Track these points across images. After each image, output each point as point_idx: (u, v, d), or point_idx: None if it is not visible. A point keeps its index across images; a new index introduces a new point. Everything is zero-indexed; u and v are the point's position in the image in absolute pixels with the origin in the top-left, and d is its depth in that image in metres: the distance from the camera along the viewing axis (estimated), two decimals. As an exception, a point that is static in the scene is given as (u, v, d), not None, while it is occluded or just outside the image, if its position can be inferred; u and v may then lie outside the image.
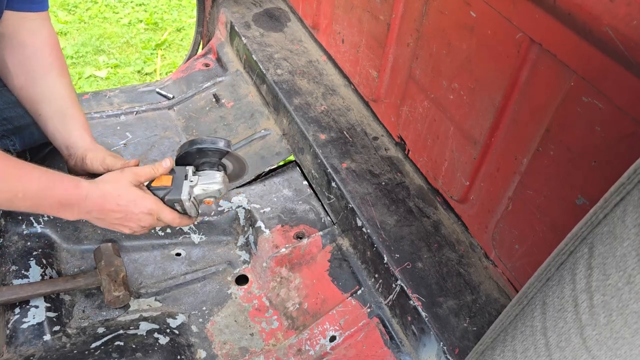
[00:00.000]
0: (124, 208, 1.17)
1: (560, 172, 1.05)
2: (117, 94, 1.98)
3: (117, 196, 1.17)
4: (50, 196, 1.10)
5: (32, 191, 1.07)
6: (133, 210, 1.18)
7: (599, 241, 0.57)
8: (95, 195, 1.15)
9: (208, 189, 1.27)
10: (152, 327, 1.31)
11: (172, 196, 1.23)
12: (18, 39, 1.32)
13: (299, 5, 2.07)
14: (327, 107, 1.74)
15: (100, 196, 1.15)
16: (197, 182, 1.26)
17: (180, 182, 1.24)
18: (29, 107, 1.34)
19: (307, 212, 1.60)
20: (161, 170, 1.25)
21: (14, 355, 1.18)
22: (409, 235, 1.38)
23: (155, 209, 1.21)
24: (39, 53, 1.33)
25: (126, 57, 3.35)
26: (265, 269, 1.47)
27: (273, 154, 1.74)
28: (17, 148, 1.57)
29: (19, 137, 1.55)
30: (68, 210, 1.13)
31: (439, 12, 1.30)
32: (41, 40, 1.34)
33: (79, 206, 1.14)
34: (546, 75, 1.04)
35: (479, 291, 1.27)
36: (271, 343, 1.36)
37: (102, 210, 1.16)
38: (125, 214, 1.18)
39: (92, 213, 1.16)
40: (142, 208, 1.19)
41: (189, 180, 1.25)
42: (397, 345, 1.29)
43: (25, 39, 1.32)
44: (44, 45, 1.34)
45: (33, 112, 1.34)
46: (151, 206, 1.20)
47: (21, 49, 1.32)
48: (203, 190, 1.27)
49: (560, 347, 0.63)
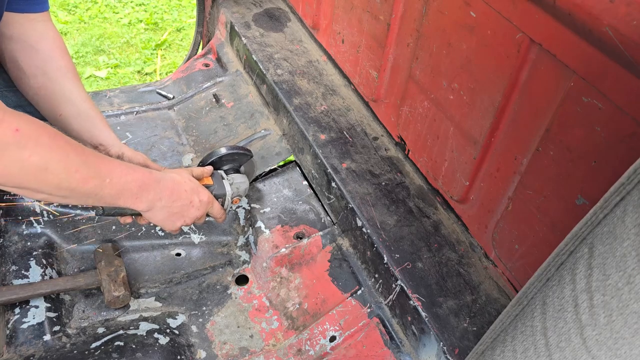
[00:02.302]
0: (189, 195, 1.23)
1: (560, 172, 1.05)
2: (117, 94, 1.98)
3: (183, 182, 1.22)
4: (133, 180, 1.10)
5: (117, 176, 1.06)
6: (196, 198, 1.24)
7: (599, 241, 0.57)
8: (166, 179, 1.18)
9: (240, 188, 1.46)
10: (152, 327, 1.31)
11: (218, 192, 1.38)
12: (28, 42, 1.32)
13: (299, 6, 2.07)
14: (327, 107, 1.74)
15: (171, 180, 1.19)
16: (233, 182, 1.44)
17: (220, 182, 1.40)
18: (48, 107, 1.34)
19: (307, 212, 1.60)
20: (207, 171, 1.39)
21: (14, 355, 1.18)
22: (409, 236, 1.38)
23: (211, 200, 1.30)
24: (53, 56, 1.34)
25: (126, 57, 3.35)
26: (265, 269, 1.47)
27: (273, 154, 1.74)
28: None
29: None
30: (145, 194, 1.12)
31: (439, 12, 1.30)
32: (51, 43, 1.35)
33: (154, 190, 1.14)
34: (546, 76, 1.04)
35: (479, 291, 1.27)
36: (271, 343, 1.36)
37: (172, 195, 1.19)
38: (189, 201, 1.23)
39: (162, 199, 1.17)
40: (202, 196, 1.26)
41: (227, 180, 1.43)
42: (397, 345, 1.29)
43: (35, 42, 1.33)
44: (55, 48, 1.35)
45: (51, 112, 1.34)
46: (209, 196, 1.29)
47: (34, 52, 1.32)
48: (237, 189, 1.46)
49: (560, 347, 0.63)
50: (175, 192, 1.20)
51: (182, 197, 1.21)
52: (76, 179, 0.98)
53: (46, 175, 0.94)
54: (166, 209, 1.19)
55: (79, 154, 0.99)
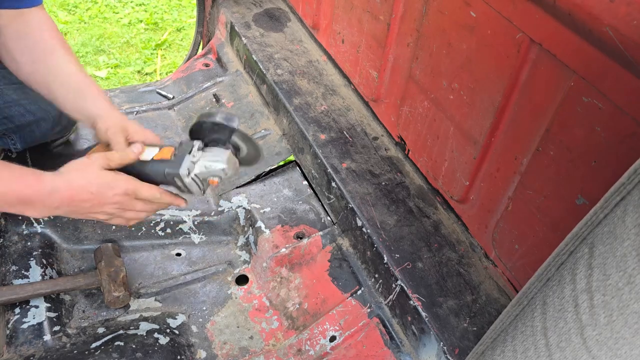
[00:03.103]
0: (97, 195, 1.08)
1: (560, 172, 1.05)
2: (118, 94, 1.98)
3: (87, 184, 1.08)
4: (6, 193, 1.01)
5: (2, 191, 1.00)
6: (108, 194, 1.09)
7: (599, 241, 0.57)
8: (62, 188, 1.06)
9: (211, 167, 1.16)
10: (152, 327, 1.31)
11: (171, 170, 1.14)
12: (19, 31, 1.31)
13: (299, 6, 2.07)
14: (327, 107, 1.74)
15: (68, 188, 1.07)
16: (199, 158, 1.16)
17: (182, 157, 1.14)
18: (44, 92, 1.30)
19: (307, 212, 1.60)
20: (131, 156, 1.15)
21: (14, 356, 1.18)
22: (409, 235, 1.38)
23: (132, 188, 1.11)
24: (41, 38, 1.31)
25: (126, 57, 3.35)
26: (266, 269, 1.47)
27: (273, 154, 1.74)
28: (17, 147, 1.58)
29: (20, 136, 1.55)
30: (29, 207, 1.04)
31: (439, 12, 1.30)
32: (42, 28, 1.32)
33: (42, 203, 1.04)
34: (546, 76, 1.04)
35: (479, 291, 1.27)
36: (271, 343, 1.36)
37: (72, 203, 1.07)
38: (99, 200, 1.09)
39: (60, 208, 1.07)
40: (116, 190, 1.09)
41: (191, 155, 1.16)
42: (397, 345, 1.29)
43: (27, 30, 1.31)
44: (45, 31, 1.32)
45: (49, 97, 1.30)
46: (126, 186, 1.10)
47: (23, 39, 1.30)
48: (205, 168, 1.16)
49: (561, 347, 0.63)
50: (78, 198, 1.07)
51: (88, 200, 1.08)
52: None
53: None
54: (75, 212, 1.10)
55: None
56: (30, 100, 1.50)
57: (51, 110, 1.55)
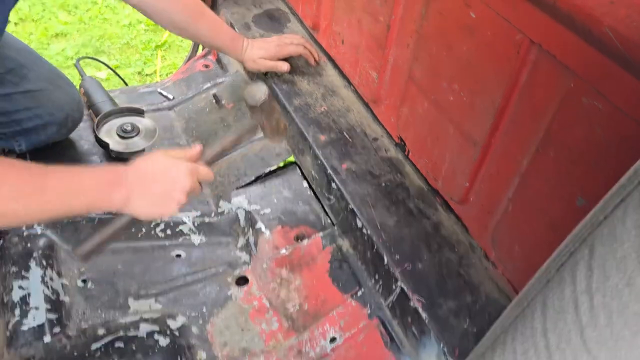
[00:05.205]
0: (166, 174, 1.13)
1: (560, 173, 1.05)
2: (118, 95, 1.98)
3: (153, 164, 1.13)
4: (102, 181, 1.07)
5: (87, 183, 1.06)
6: (175, 174, 1.13)
7: (599, 242, 0.57)
8: (132, 170, 1.11)
9: None
10: (152, 329, 1.31)
11: None
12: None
13: (299, 6, 2.07)
14: (327, 108, 1.74)
15: (136, 169, 1.12)
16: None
17: None
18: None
19: (307, 213, 1.60)
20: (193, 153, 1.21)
21: (14, 357, 1.18)
22: (409, 236, 1.37)
23: (194, 167, 1.16)
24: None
25: (126, 58, 3.35)
26: (266, 270, 1.47)
27: (273, 155, 1.74)
28: (22, 149, 1.61)
29: (25, 139, 1.59)
30: (117, 190, 1.07)
31: (439, 13, 1.30)
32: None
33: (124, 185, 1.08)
34: (546, 77, 1.04)
35: (479, 292, 1.27)
36: (271, 344, 1.36)
37: (144, 183, 1.11)
38: (169, 181, 1.13)
39: (135, 191, 1.09)
40: (183, 169, 1.13)
41: None
42: (398, 346, 1.29)
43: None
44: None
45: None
46: (191, 166, 1.15)
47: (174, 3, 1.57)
48: None
49: (561, 348, 0.63)
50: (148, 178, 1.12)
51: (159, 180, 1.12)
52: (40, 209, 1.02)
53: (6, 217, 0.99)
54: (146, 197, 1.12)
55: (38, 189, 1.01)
56: (40, 105, 1.55)
57: (58, 115, 1.60)
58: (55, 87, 1.62)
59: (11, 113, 1.51)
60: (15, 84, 1.51)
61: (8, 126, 1.53)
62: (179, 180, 1.13)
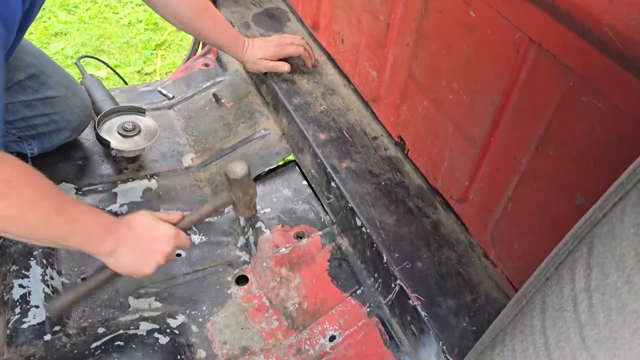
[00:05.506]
0: (153, 233, 1.20)
1: (559, 171, 1.05)
2: (118, 94, 1.98)
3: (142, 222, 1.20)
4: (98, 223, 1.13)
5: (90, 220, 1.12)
6: (160, 236, 1.21)
7: (598, 241, 0.57)
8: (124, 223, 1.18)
9: None
10: (152, 327, 1.31)
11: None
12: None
13: (299, 5, 2.07)
14: (326, 107, 1.74)
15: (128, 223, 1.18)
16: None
17: None
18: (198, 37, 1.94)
19: (306, 212, 1.60)
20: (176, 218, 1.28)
21: (14, 355, 1.18)
22: (408, 235, 1.38)
23: (177, 232, 1.24)
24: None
25: (126, 57, 3.35)
26: (265, 269, 1.47)
27: (273, 154, 1.74)
28: (34, 152, 1.62)
29: (38, 142, 1.61)
30: (109, 236, 1.13)
31: (439, 12, 1.30)
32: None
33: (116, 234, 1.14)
34: (545, 75, 1.04)
35: (479, 291, 1.28)
36: (271, 343, 1.36)
37: (134, 238, 1.17)
38: (154, 241, 1.20)
39: (125, 242, 1.16)
40: (168, 232, 1.22)
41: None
42: (397, 344, 1.29)
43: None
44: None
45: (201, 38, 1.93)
46: (175, 231, 1.24)
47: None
48: None
49: (560, 346, 0.63)
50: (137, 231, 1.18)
51: (145, 237, 1.19)
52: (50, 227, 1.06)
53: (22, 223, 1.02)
54: (133, 249, 1.18)
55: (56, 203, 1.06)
56: (57, 112, 1.59)
57: (73, 121, 1.64)
58: (72, 93, 1.64)
59: (29, 118, 1.54)
60: (36, 90, 1.54)
61: (25, 130, 1.56)
62: (162, 243, 1.20)
